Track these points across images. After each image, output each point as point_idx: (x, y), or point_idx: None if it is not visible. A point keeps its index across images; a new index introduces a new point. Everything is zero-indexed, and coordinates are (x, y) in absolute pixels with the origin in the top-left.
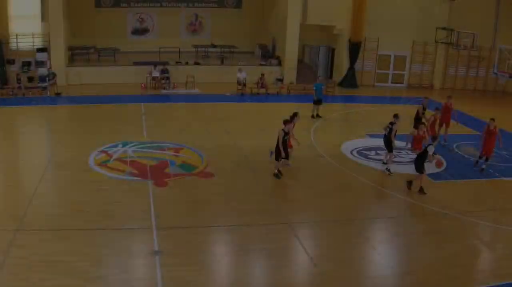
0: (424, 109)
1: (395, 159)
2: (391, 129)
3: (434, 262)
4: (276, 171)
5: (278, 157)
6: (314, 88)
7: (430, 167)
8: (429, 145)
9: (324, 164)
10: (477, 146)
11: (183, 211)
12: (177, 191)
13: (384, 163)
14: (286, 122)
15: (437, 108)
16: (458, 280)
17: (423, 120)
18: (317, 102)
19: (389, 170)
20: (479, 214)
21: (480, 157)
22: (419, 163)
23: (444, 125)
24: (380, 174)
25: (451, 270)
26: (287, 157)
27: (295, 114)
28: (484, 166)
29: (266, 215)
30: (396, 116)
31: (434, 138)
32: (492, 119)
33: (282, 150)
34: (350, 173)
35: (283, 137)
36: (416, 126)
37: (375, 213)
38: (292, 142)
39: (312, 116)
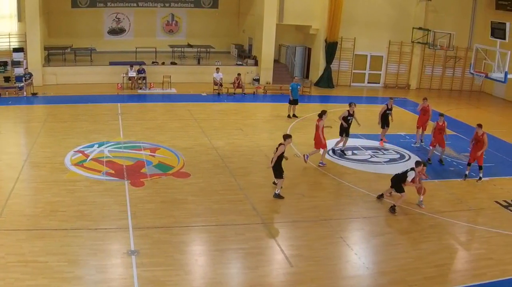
0: (389, 109)
1: (371, 159)
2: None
3: (411, 262)
4: (278, 191)
5: (279, 174)
6: (290, 88)
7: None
8: (411, 169)
9: (300, 163)
10: (453, 145)
11: (159, 211)
12: (154, 191)
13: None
14: (286, 137)
15: (441, 115)
16: (434, 280)
17: (390, 118)
18: (293, 102)
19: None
20: (455, 214)
21: (469, 164)
22: (398, 183)
23: (421, 128)
24: (357, 174)
25: (428, 270)
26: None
27: (323, 112)
28: (467, 172)
29: (242, 215)
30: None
31: (434, 146)
32: (479, 125)
33: (272, 165)
34: (326, 173)
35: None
36: (383, 126)
37: (351, 213)
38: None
39: (288, 116)
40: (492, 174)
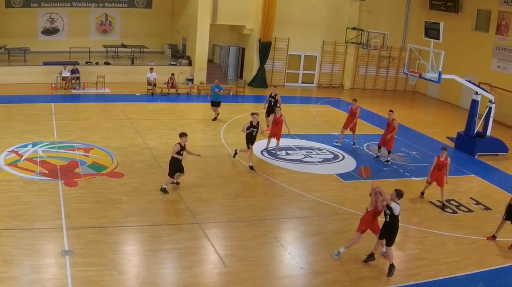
0: (272, 97)
1: (305, 159)
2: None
3: (344, 262)
4: (164, 185)
5: (171, 173)
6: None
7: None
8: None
9: (234, 163)
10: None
11: (93, 211)
12: (88, 191)
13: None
14: (182, 135)
15: (444, 148)
16: (368, 280)
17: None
18: (213, 104)
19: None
20: None
21: (379, 147)
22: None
23: (349, 129)
24: (291, 174)
25: (362, 270)
26: (179, 171)
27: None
28: (378, 153)
29: (176, 215)
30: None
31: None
32: (391, 111)
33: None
34: (260, 173)
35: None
36: (269, 114)
37: (285, 213)
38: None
39: (214, 119)
40: (426, 174)
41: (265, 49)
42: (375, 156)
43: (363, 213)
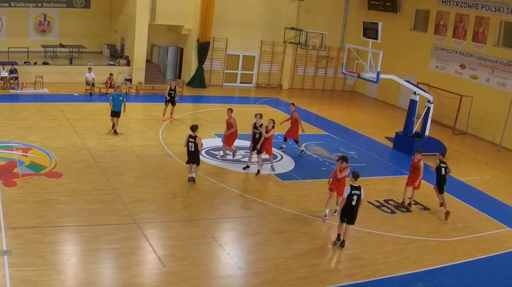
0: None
1: (243, 159)
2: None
3: (283, 261)
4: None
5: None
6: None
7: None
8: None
9: (172, 163)
10: (325, 145)
11: (31, 211)
12: (26, 191)
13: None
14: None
15: (418, 151)
16: (307, 280)
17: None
18: (112, 114)
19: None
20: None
21: (285, 139)
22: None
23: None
24: (229, 174)
25: (300, 270)
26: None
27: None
28: (283, 145)
29: (115, 215)
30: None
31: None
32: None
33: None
34: (199, 173)
35: None
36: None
37: (223, 213)
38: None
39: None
40: (364, 173)
41: (203, 49)
42: (280, 147)
43: (302, 213)
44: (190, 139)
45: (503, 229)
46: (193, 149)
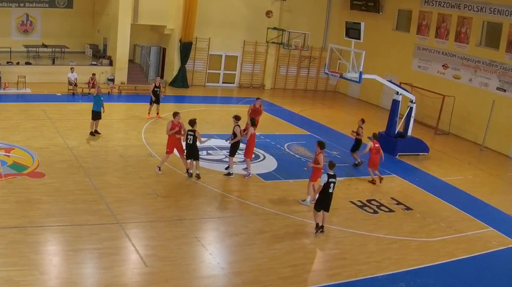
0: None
1: (225, 159)
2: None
3: (265, 262)
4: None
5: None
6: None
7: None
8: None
9: (155, 163)
10: (307, 145)
11: (14, 211)
12: (8, 191)
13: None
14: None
15: (374, 136)
16: (289, 280)
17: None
18: (93, 115)
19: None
20: (310, 214)
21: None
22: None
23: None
24: (211, 174)
25: (282, 270)
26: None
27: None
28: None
29: (97, 215)
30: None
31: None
32: (258, 98)
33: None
34: (181, 173)
35: None
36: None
37: (205, 213)
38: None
39: (91, 133)
40: (347, 174)
41: (186, 49)
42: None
43: (284, 213)
44: (190, 133)
45: (486, 229)
46: (191, 142)
